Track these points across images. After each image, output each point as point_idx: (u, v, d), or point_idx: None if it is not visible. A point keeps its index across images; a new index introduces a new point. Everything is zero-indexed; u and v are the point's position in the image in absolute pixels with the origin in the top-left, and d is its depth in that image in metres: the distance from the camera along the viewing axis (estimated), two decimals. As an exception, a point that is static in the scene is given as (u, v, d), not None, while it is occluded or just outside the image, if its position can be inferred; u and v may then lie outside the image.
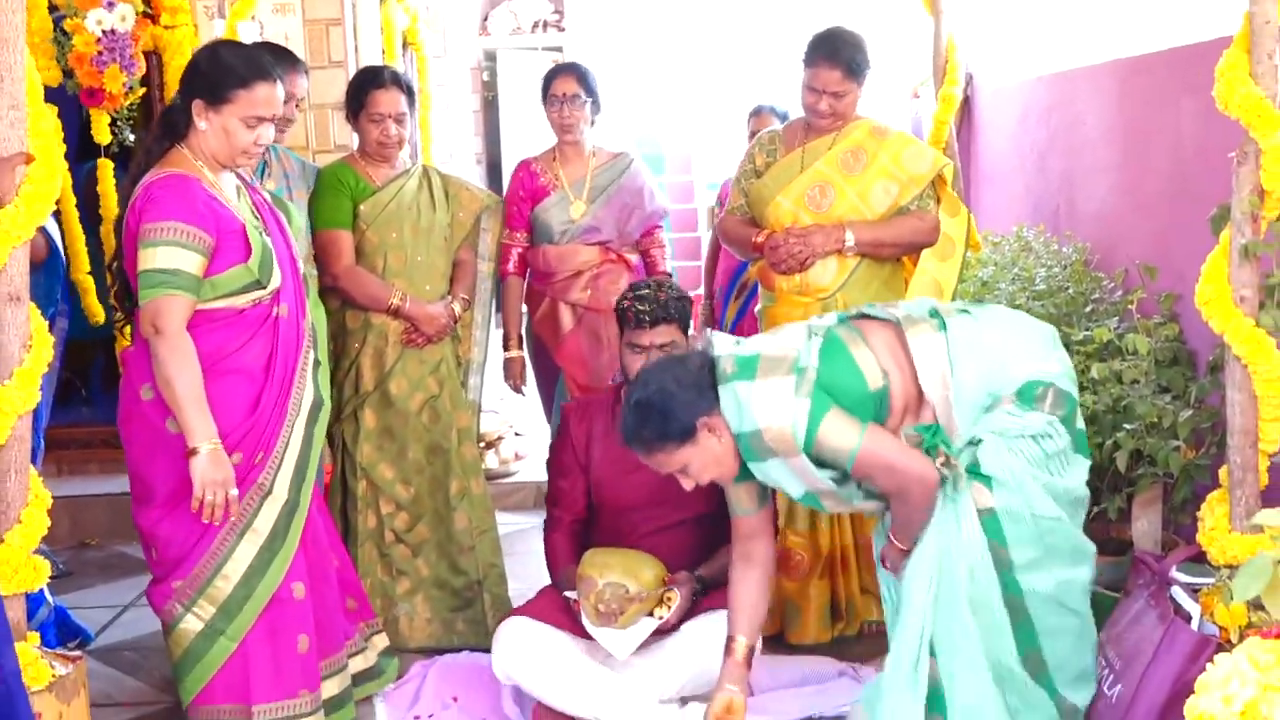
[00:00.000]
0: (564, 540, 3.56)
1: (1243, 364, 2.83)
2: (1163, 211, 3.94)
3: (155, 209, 2.93)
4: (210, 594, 3.06)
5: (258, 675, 3.10)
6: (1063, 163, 4.77)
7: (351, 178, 3.98)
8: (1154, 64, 4.04)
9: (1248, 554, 2.88)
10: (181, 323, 2.92)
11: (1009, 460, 2.65)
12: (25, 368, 2.84)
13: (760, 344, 2.80)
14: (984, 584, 2.65)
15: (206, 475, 2.91)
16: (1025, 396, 2.70)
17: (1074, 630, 2.79)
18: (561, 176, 4.26)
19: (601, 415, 3.56)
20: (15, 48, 2.78)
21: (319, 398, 3.19)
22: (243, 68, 3.01)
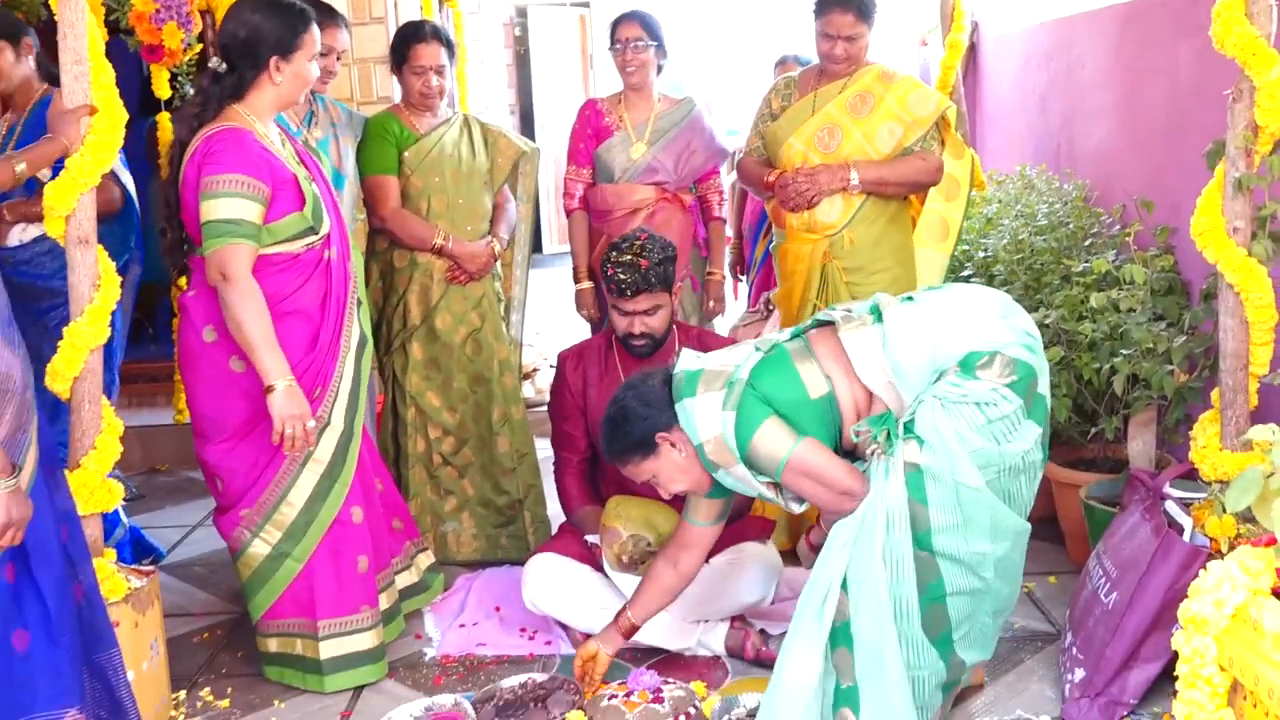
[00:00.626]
0: (574, 482, 3.54)
1: (1235, 292, 2.78)
2: (1159, 149, 3.87)
3: (215, 162, 2.89)
4: (276, 520, 3.08)
5: (322, 592, 3.12)
6: (1063, 104, 4.68)
7: (396, 126, 3.95)
8: (1150, 7, 3.95)
9: (1237, 470, 2.84)
10: (248, 268, 2.90)
11: (941, 422, 2.54)
12: (95, 305, 2.84)
13: (709, 359, 2.73)
14: (898, 536, 2.55)
15: (285, 410, 2.90)
16: (966, 366, 2.58)
17: (980, 595, 2.65)
18: (625, 119, 4.16)
19: (595, 361, 3.53)
20: (77, 6, 2.75)
21: (364, 334, 3.19)
22: (299, 15, 3.01)
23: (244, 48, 2.99)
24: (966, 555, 2.59)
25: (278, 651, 3.20)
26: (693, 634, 3.25)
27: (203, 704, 3.16)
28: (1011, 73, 5.20)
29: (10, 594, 2.25)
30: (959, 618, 2.64)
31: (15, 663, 2.25)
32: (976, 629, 2.71)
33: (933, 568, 2.59)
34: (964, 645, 2.68)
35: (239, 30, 2.98)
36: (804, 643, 2.61)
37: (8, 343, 2.24)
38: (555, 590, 3.30)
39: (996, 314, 2.68)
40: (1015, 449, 2.58)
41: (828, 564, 2.62)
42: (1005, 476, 2.60)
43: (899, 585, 2.57)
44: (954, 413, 2.56)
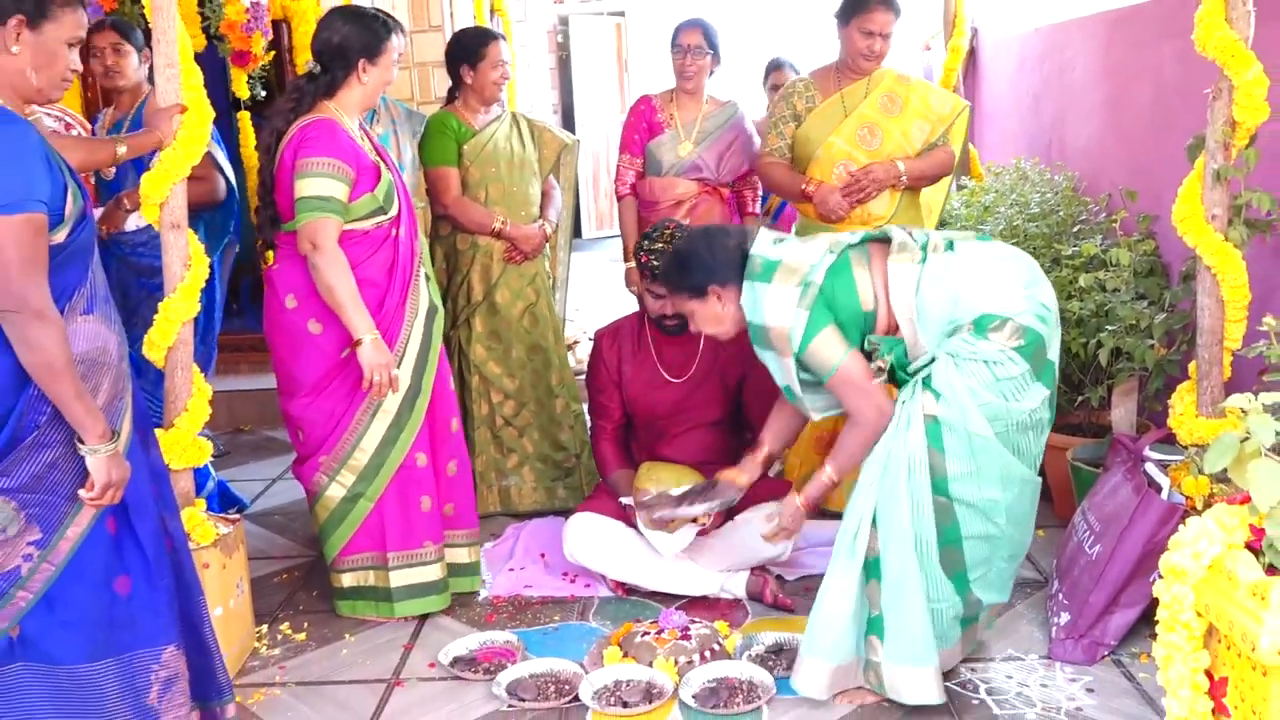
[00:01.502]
0: (610, 447, 3.53)
1: (1213, 274, 2.74)
2: (1143, 143, 3.81)
3: (310, 147, 2.95)
4: (351, 464, 3.11)
5: (391, 528, 3.16)
6: (1054, 103, 4.61)
7: (455, 123, 3.95)
8: (1136, 14, 3.88)
9: (1212, 435, 2.82)
10: (335, 239, 2.94)
11: (954, 378, 2.52)
12: (186, 283, 2.86)
13: (786, 251, 2.69)
14: (918, 479, 2.55)
15: (372, 360, 2.94)
16: (979, 327, 2.55)
17: (995, 540, 2.63)
18: (676, 117, 4.11)
19: (630, 339, 3.51)
20: (169, 15, 2.75)
21: (433, 304, 3.20)
22: (385, 24, 3.08)
23: (336, 51, 3.03)
24: (980, 501, 2.59)
25: (351, 585, 3.22)
26: (717, 580, 3.25)
27: (282, 636, 3.19)
28: (1008, 74, 5.13)
29: (112, 544, 2.27)
30: (974, 560, 2.64)
31: (118, 605, 2.27)
32: (994, 572, 2.70)
33: (949, 512, 2.59)
34: (980, 586, 2.68)
35: (333, 36, 3.04)
36: (840, 576, 2.63)
37: (105, 319, 2.25)
38: (592, 545, 3.30)
39: (1021, 282, 2.62)
40: (1023, 407, 2.57)
41: (858, 503, 2.63)
42: (1014, 431, 2.59)
43: (919, 523, 2.57)
44: (965, 369, 2.55)
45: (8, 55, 2.08)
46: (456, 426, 3.33)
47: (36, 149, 2.05)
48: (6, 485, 2.11)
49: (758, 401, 3.43)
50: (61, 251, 2.12)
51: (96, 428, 2.12)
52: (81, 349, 2.16)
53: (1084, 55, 4.31)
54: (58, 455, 2.15)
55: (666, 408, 3.45)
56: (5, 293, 2.01)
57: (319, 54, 3.06)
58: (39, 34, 2.10)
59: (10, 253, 2.00)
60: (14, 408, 2.10)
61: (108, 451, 2.14)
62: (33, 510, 2.15)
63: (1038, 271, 2.70)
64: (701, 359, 3.43)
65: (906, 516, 2.57)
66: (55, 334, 2.05)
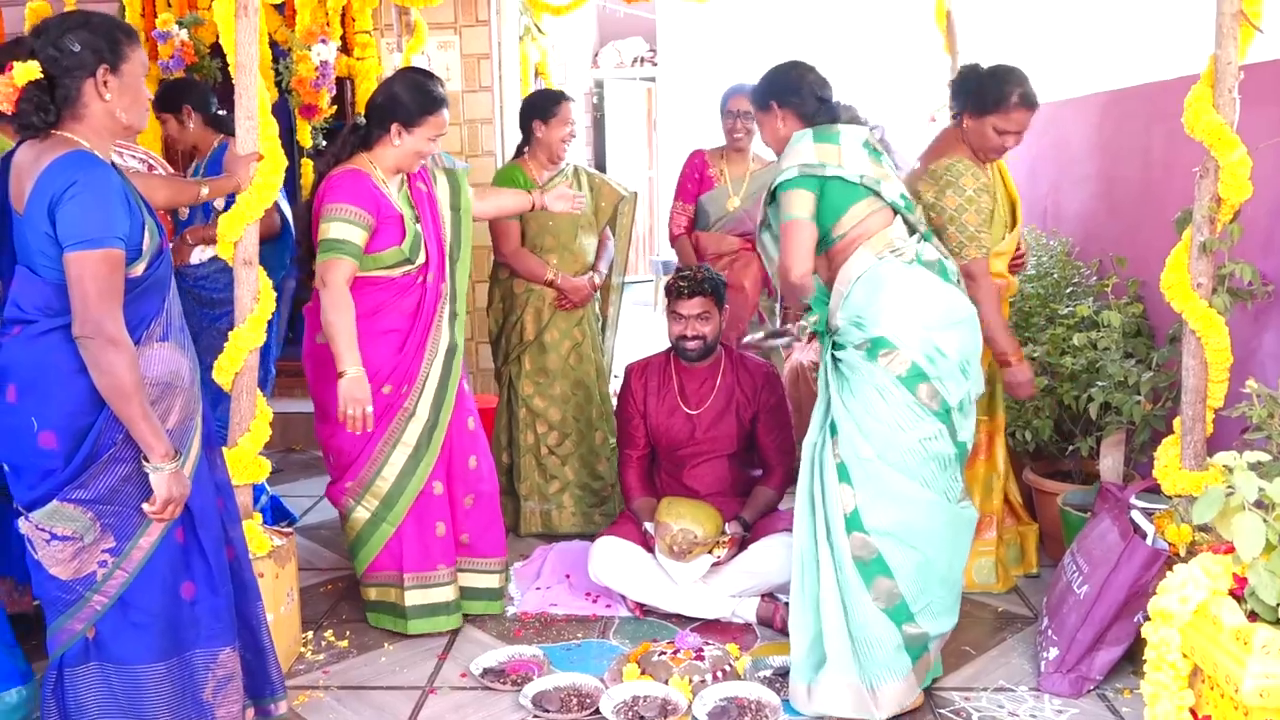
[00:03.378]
0: (634, 476, 3.51)
1: (1197, 338, 2.72)
2: (1131, 214, 3.81)
3: (334, 193, 2.97)
4: (374, 490, 3.09)
5: (408, 551, 3.13)
6: (1050, 174, 4.61)
7: (521, 176, 3.94)
8: (1127, 96, 3.89)
9: (1194, 487, 2.79)
10: (344, 279, 2.93)
11: (849, 402, 2.62)
12: (255, 315, 2.87)
13: (846, 142, 2.75)
14: (832, 516, 2.66)
15: (348, 392, 2.90)
16: (874, 347, 2.62)
17: (923, 566, 2.64)
18: (725, 174, 4.17)
19: (656, 373, 3.50)
20: (251, 72, 2.79)
21: (453, 342, 3.14)
22: (433, 99, 3.03)
23: (378, 111, 3.04)
24: (891, 526, 2.62)
25: (376, 599, 3.21)
26: (729, 605, 3.22)
27: (326, 643, 3.18)
28: (1007, 146, 5.12)
29: (180, 552, 2.28)
30: (910, 590, 2.64)
31: (183, 608, 2.28)
32: (935, 601, 2.69)
33: (869, 545, 2.62)
34: (925, 616, 2.68)
35: (380, 96, 3.05)
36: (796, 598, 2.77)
37: (179, 346, 2.28)
38: (614, 567, 3.29)
39: (926, 322, 2.64)
40: (912, 435, 2.60)
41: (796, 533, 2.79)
42: (910, 458, 2.61)
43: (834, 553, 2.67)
44: (860, 395, 2.62)
45: (101, 102, 2.12)
46: (475, 464, 3.23)
47: (118, 190, 2.09)
48: (85, 497, 2.13)
49: (770, 438, 3.43)
50: (140, 283, 2.15)
51: (160, 447, 2.14)
52: (156, 373, 2.18)
53: (1078, 131, 4.32)
54: (131, 470, 2.17)
55: (686, 438, 3.44)
56: (84, 319, 2.04)
57: (367, 108, 3.08)
58: (120, 76, 2.14)
59: (89, 284, 2.03)
60: (94, 424, 2.12)
61: (170, 469, 2.15)
62: (108, 520, 2.17)
63: (956, 318, 2.70)
64: (719, 393, 3.43)
65: (825, 547, 2.66)
66: (126, 359, 2.07)
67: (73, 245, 2.01)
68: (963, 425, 2.70)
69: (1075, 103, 4.36)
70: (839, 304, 2.72)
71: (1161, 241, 3.50)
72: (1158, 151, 3.62)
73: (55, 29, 2.07)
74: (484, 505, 3.25)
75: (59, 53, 2.06)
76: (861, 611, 2.65)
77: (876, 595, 2.64)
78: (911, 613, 2.65)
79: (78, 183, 2.01)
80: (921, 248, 2.75)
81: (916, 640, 2.67)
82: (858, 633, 2.66)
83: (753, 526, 3.32)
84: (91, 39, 2.08)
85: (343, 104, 5.47)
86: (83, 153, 2.07)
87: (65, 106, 2.10)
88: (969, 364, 2.69)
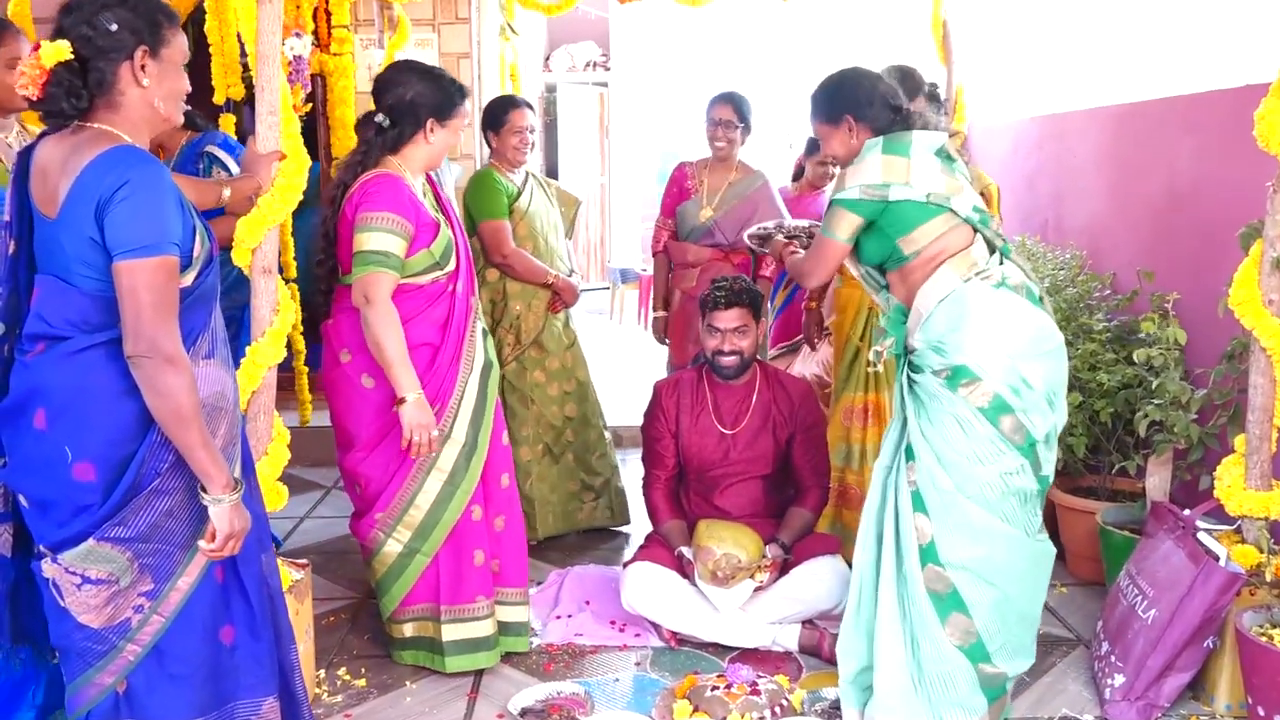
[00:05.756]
0: (662, 498, 3.35)
1: (1267, 355, 2.67)
2: (1153, 228, 3.77)
3: (372, 201, 2.73)
4: (406, 521, 2.87)
5: (445, 583, 2.92)
6: (1051, 185, 4.59)
7: (502, 181, 3.87)
8: (1147, 110, 3.86)
9: (1260, 508, 2.74)
10: (388, 294, 2.73)
11: (928, 431, 2.48)
12: (274, 328, 2.64)
13: (917, 154, 2.58)
14: (905, 542, 2.52)
15: (413, 419, 2.72)
16: (955, 376, 2.46)
17: (1001, 604, 2.49)
18: (704, 183, 4.03)
19: (689, 391, 3.35)
20: (275, 63, 2.56)
21: (489, 360, 2.96)
22: (460, 88, 2.90)
23: (407, 108, 2.83)
24: (969, 561, 2.47)
25: (413, 635, 2.98)
26: (770, 633, 3.08)
27: (342, 682, 2.94)
28: (1001, 157, 5.10)
29: (220, 593, 2.04)
30: (988, 628, 2.49)
31: (223, 655, 2.05)
32: (1012, 639, 2.53)
33: (944, 579, 2.47)
34: (1001, 656, 2.52)
35: (407, 92, 2.83)
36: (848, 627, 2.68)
37: (225, 363, 2.05)
38: (650, 595, 3.12)
39: (1011, 351, 2.48)
40: (993, 470, 2.45)
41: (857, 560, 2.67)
42: (990, 493, 2.46)
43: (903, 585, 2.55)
44: (939, 424, 2.48)
45: (138, 88, 1.88)
46: (508, 483, 3.04)
47: (171, 191, 1.86)
48: (124, 535, 1.89)
49: (806, 459, 3.30)
50: (190, 295, 1.92)
51: (221, 477, 1.91)
52: (203, 393, 1.94)
53: (1085, 144, 4.29)
54: (175, 503, 1.94)
55: (719, 458, 3.29)
56: (137, 336, 1.80)
57: (390, 108, 2.84)
58: (160, 62, 1.91)
59: (144, 296, 1.79)
60: (135, 454, 1.88)
61: (231, 501, 1.93)
62: (146, 560, 1.93)
63: (1046, 347, 2.53)
64: (754, 412, 3.29)
65: (889, 576, 2.54)
66: (185, 380, 1.84)
67: (126, 253, 1.77)
68: (1046, 459, 2.55)
69: (1081, 115, 4.34)
70: (918, 325, 2.56)
71: (1193, 256, 3.48)
72: (1183, 165, 3.59)
73: (90, 5, 1.82)
74: (514, 528, 3.05)
75: (94, 31, 1.82)
76: (933, 646, 2.50)
77: (951, 631, 2.49)
78: (988, 652, 2.50)
79: (130, 182, 1.77)
80: (1007, 269, 2.60)
81: (994, 680, 2.53)
82: (929, 668, 2.51)
83: (792, 550, 3.18)
84: (130, 18, 1.84)
85: (315, 103, 5.20)
86: (130, 148, 1.83)
87: (99, 93, 1.86)
88: (1055, 395, 2.54)
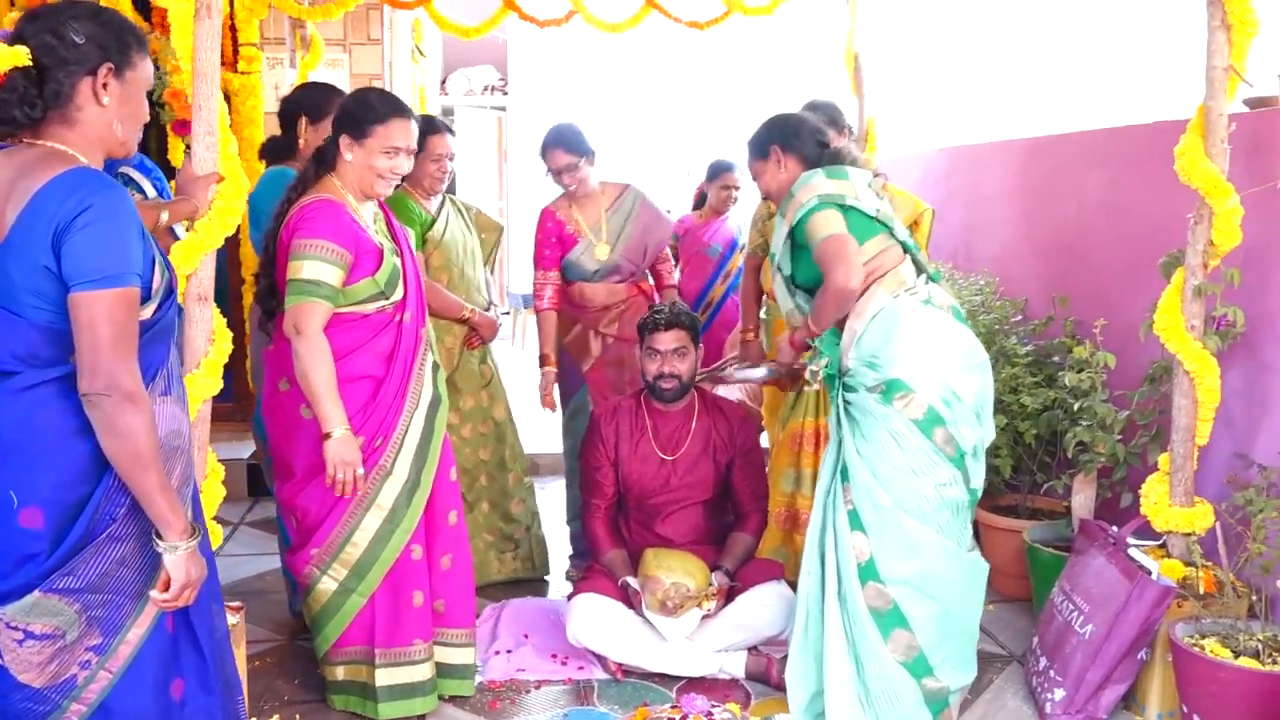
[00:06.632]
0: (603, 528, 3.31)
1: (1190, 378, 2.80)
2: (1065, 257, 3.93)
3: (307, 227, 2.62)
4: (342, 558, 2.75)
5: (381, 625, 2.80)
6: (960, 215, 4.75)
7: (416, 208, 3.64)
8: (1058, 143, 4.04)
9: (1185, 523, 2.87)
10: (320, 326, 2.62)
11: (862, 448, 2.55)
12: (210, 359, 2.51)
13: (856, 181, 2.68)
14: (844, 563, 2.58)
15: (337, 455, 2.60)
16: (889, 390, 2.55)
17: (942, 618, 2.57)
18: (580, 221, 3.77)
19: (627, 417, 3.33)
20: (213, 81, 2.45)
21: (437, 394, 2.85)
22: (381, 107, 2.72)
23: (335, 124, 2.74)
24: (908, 575, 2.55)
25: (345, 679, 2.85)
26: (716, 661, 3.06)
27: (277, 731, 2.80)
28: (910, 186, 5.22)
29: (170, 645, 1.92)
30: (929, 642, 2.57)
31: (172, 711, 1.91)
32: (954, 652, 2.63)
33: (885, 595, 2.54)
34: (944, 669, 2.61)
35: (340, 103, 2.78)
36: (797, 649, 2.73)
37: (180, 400, 1.94)
38: (599, 627, 3.06)
39: (944, 365, 2.59)
40: (928, 482, 2.54)
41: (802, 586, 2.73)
42: (927, 505, 2.54)
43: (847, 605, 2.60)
44: (873, 440, 2.54)
45: (97, 106, 1.77)
46: (455, 520, 2.92)
47: (134, 218, 1.75)
48: (73, 586, 1.76)
49: (745, 484, 3.32)
50: (149, 329, 1.81)
51: (179, 523, 1.80)
52: (160, 433, 1.83)
53: (995, 175, 4.46)
54: (128, 550, 1.82)
55: (660, 485, 3.28)
56: (94, 372, 1.68)
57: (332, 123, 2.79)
58: (124, 83, 1.80)
59: (103, 329, 1.68)
60: (89, 498, 1.75)
61: (188, 548, 1.81)
62: (95, 612, 1.80)
63: (974, 361, 2.65)
64: (694, 437, 3.29)
65: (833, 599, 2.58)
66: (145, 420, 1.72)
67: (86, 283, 1.65)
68: (975, 472, 2.66)
69: (992, 147, 4.51)
70: (851, 343, 2.64)
71: (1104, 283, 3.64)
72: (1094, 197, 3.76)
73: (57, 15, 1.71)
74: (461, 567, 2.93)
75: (57, 41, 1.71)
76: (877, 665, 2.56)
77: (894, 648, 2.56)
78: (930, 665, 2.57)
79: (92, 207, 1.65)
80: (932, 289, 2.71)
81: (937, 695, 2.60)
82: (875, 686, 2.58)
83: (736, 575, 3.18)
84: (99, 33, 1.74)
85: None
86: (90, 170, 1.71)
87: (54, 105, 1.74)
88: (983, 409, 2.66)
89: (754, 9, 4.86)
